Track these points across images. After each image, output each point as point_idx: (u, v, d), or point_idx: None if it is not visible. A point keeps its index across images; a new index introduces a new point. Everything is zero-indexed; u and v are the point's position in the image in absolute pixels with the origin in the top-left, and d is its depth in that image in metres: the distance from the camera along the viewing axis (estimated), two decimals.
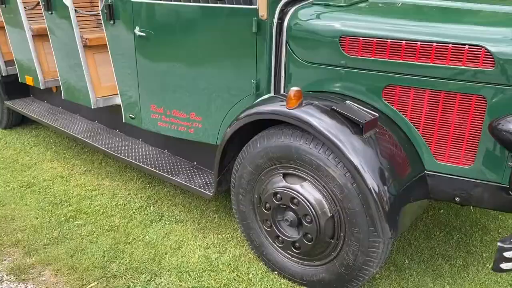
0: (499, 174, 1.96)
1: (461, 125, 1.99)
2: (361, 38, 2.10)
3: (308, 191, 2.10)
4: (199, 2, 2.45)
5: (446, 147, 2.06)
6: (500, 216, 2.94)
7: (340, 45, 2.16)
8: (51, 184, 3.43)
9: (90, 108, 3.27)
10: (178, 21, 2.54)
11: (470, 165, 2.02)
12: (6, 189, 3.37)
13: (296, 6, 2.31)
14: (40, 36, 3.59)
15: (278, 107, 2.14)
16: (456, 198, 2.09)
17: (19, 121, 4.60)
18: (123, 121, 3.09)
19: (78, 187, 3.38)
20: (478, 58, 1.87)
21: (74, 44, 3.13)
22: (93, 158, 3.87)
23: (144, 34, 2.65)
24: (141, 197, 3.21)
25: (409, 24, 2.08)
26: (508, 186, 1.94)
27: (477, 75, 1.89)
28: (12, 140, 4.33)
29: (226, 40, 2.41)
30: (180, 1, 2.51)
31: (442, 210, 3.01)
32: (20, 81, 3.98)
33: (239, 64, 2.41)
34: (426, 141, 2.09)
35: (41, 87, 3.73)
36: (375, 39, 2.07)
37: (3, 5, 3.69)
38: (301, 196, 2.10)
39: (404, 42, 2.01)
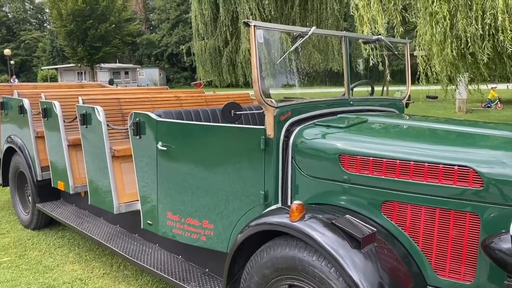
0: None
1: (458, 241, 2.05)
2: (358, 157, 2.28)
3: None
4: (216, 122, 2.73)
5: (446, 262, 2.09)
6: None
7: (340, 162, 2.33)
8: (70, 287, 3.53)
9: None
10: (195, 137, 2.82)
11: (471, 281, 2.03)
12: None
13: (301, 126, 2.55)
14: (74, 146, 3.96)
15: (283, 219, 2.26)
16: None
17: (48, 222, 4.84)
18: (142, 227, 3.26)
19: None
20: (467, 178, 2.00)
21: (104, 154, 3.44)
22: (112, 261, 3.98)
23: (165, 148, 2.92)
24: None
25: (403, 145, 2.26)
26: None
27: (468, 194, 1.99)
28: (38, 241, 4.53)
29: (237, 155, 2.64)
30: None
31: None
32: (52, 185, 4.30)
33: (249, 177, 2.60)
34: (426, 255, 2.13)
35: (71, 192, 4.02)
36: (371, 158, 2.24)
37: (46, 118, 4.15)
38: None
39: (398, 161, 2.17)
